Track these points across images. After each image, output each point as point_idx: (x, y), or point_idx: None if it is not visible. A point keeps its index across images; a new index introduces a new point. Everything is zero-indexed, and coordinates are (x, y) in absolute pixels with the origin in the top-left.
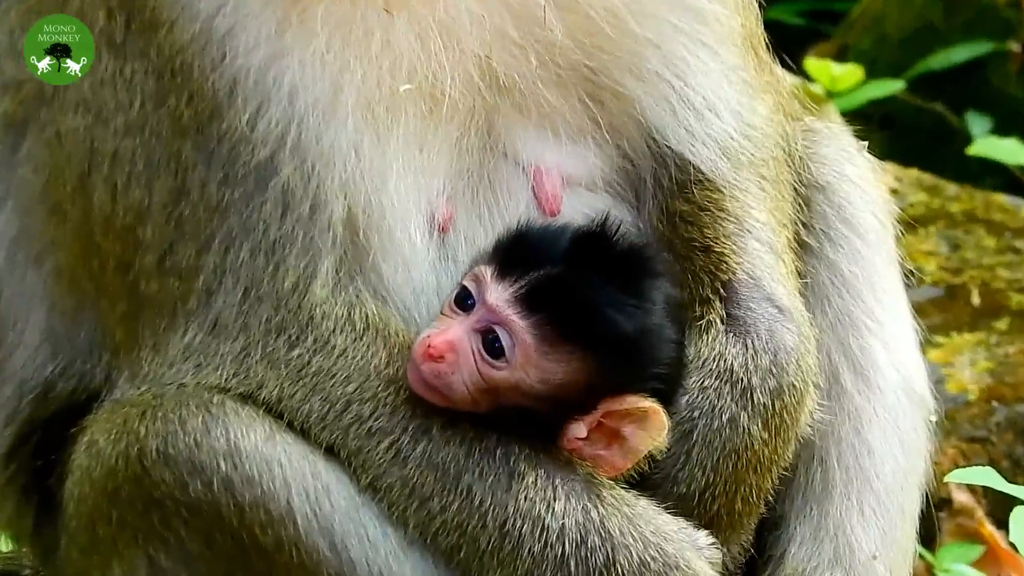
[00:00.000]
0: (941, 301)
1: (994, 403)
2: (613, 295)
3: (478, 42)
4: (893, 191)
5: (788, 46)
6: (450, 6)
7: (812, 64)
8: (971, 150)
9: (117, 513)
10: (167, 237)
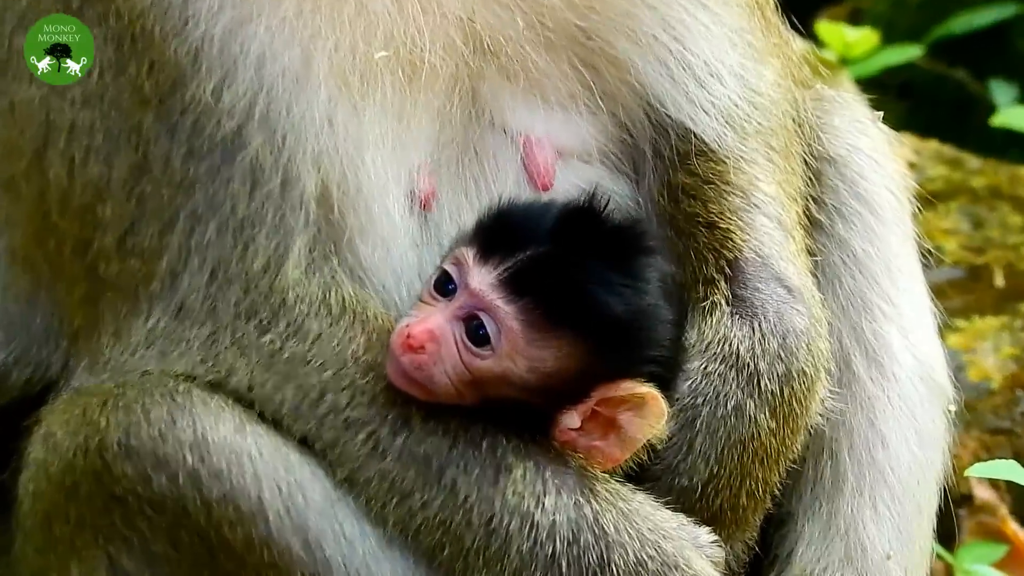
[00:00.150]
0: (962, 282)
1: (1018, 392)
2: (604, 275)
3: (459, 3)
4: (911, 164)
5: (798, 8)
6: None
7: (824, 28)
8: (995, 120)
9: (75, 511)
10: (128, 215)
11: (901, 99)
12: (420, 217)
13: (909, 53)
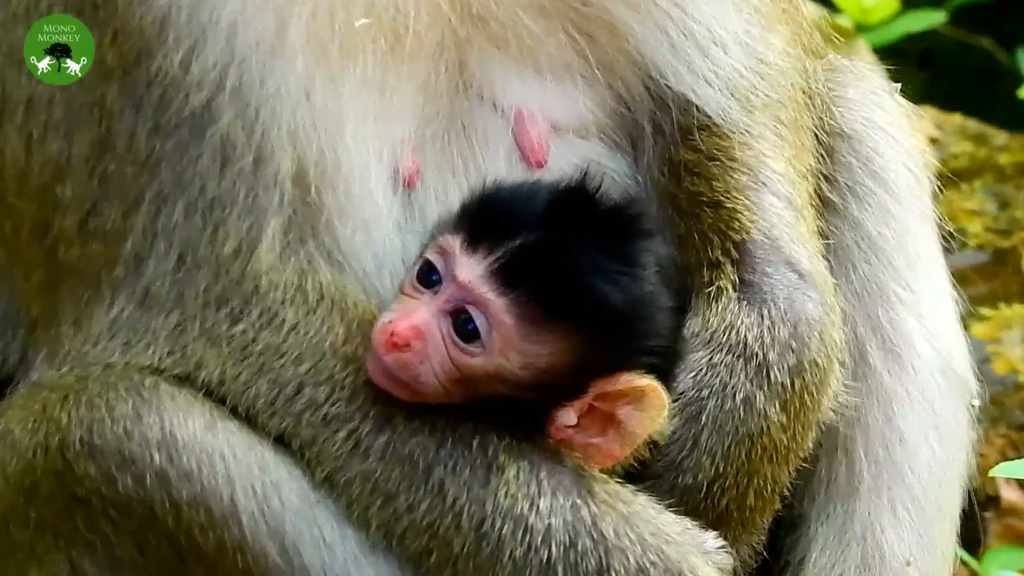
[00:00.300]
0: (987, 267)
1: None
2: (600, 262)
3: None
4: (932, 140)
5: None
6: None
7: None
8: (1023, 92)
9: (35, 513)
10: (89, 195)
11: (922, 69)
12: (404, 197)
13: (931, 19)
